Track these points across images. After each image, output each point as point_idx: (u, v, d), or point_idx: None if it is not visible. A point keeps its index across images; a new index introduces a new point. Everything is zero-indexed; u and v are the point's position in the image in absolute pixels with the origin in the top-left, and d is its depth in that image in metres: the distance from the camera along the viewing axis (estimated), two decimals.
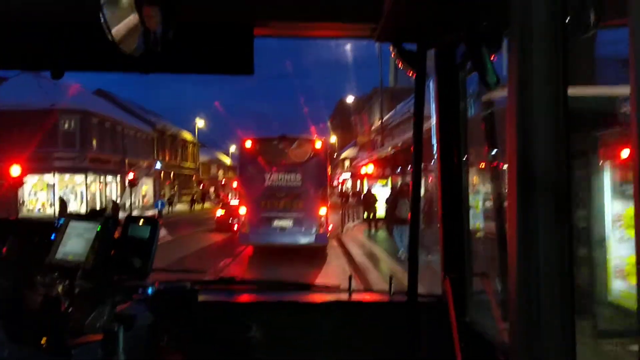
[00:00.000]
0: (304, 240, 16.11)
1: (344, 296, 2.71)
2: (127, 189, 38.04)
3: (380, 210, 22.68)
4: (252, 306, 2.55)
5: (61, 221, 2.21)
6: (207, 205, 53.94)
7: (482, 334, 2.09)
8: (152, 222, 2.11)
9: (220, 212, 27.26)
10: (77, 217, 2.19)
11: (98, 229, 2.06)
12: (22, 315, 2.04)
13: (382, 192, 24.54)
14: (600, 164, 6.84)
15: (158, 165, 49.73)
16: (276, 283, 3.00)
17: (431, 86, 2.29)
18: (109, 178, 40.78)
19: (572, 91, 1.19)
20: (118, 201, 39.67)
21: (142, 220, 2.13)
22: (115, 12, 2.01)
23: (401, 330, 2.19)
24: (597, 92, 7.48)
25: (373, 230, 22.43)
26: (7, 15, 2.14)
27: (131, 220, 2.13)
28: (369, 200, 23.36)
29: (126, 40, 2.06)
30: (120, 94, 48.99)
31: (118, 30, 2.01)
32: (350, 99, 46.04)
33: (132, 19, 2.00)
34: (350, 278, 2.82)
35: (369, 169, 29.13)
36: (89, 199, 36.96)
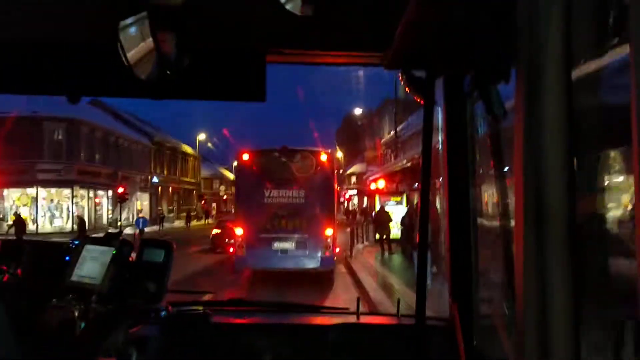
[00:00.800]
0: (308, 264, 15.27)
1: (352, 318, 2.92)
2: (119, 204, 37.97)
3: (395, 230, 22.14)
4: (261, 328, 2.75)
5: (76, 242, 2.42)
6: (210, 221, 54.05)
7: (489, 356, 2.28)
8: (167, 246, 2.32)
9: (216, 231, 26.15)
10: (93, 240, 2.40)
11: (114, 252, 2.27)
12: (37, 337, 2.24)
13: (396, 210, 23.64)
14: None
15: (155, 179, 50.03)
16: (285, 305, 3.21)
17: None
18: (100, 192, 40.65)
19: None
20: (110, 216, 39.59)
21: (156, 243, 2.34)
22: (131, 36, 2.25)
23: (409, 353, 2.38)
24: None
25: (387, 254, 21.45)
26: (23, 39, 2.36)
27: (146, 244, 2.34)
28: (382, 220, 22.40)
29: (141, 64, 2.29)
30: (121, 106, 49.34)
31: (133, 54, 2.24)
32: (358, 111, 46.67)
33: (148, 43, 2.23)
34: (358, 300, 3.03)
35: (380, 184, 28.64)
36: (76, 214, 36.80)
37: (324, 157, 15.95)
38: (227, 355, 2.47)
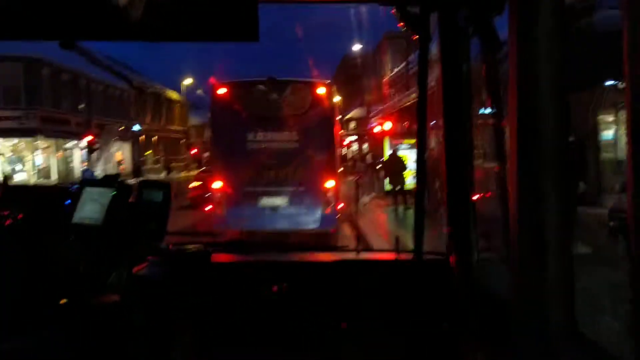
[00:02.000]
0: (304, 225, 13.48)
1: (352, 255, 3.28)
2: (95, 154, 37.85)
3: (410, 179, 19.72)
4: (262, 266, 3.11)
5: (75, 186, 2.73)
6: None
7: (486, 290, 2.63)
8: (165, 186, 2.64)
9: (195, 184, 24.12)
10: (93, 182, 2.71)
11: (113, 193, 2.59)
12: (41, 278, 2.58)
13: (411, 155, 21.15)
14: None
15: (136, 127, 49.95)
16: (284, 245, 3.57)
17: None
18: (71, 143, 39.90)
19: None
20: (83, 168, 39.38)
21: (155, 184, 2.66)
22: None
23: (408, 287, 2.74)
24: None
25: (402, 209, 19.47)
26: None
27: (145, 185, 2.65)
28: (394, 167, 20.75)
29: (131, 7, 2.54)
30: (102, 50, 48.43)
31: None
32: (356, 49, 46.38)
33: None
34: (358, 238, 3.38)
35: (388, 125, 26.52)
36: (42, 167, 36.36)
37: (321, 90, 13.85)
38: (229, 290, 2.83)
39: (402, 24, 2.68)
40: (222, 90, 13.92)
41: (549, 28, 1.71)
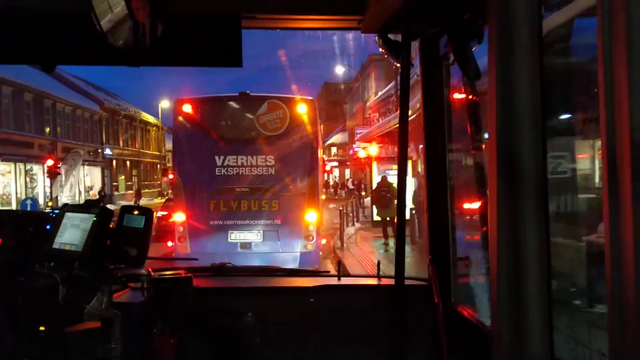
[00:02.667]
0: (281, 264, 9.24)
1: (333, 280, 3.44)
2: (61, 179, 37.27)
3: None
4: (244, 292, 3.26)
5: (56, 211, 2.87)
6: None
7: (466, 316, 2.80)
8: (147, 212, 2.79)
9: (161, 213, 21.54)
10: (73, 208, 2.85)
11: (94, 219, 2.73)
12: (20, 304, 2.70)
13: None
14: None
15: (108, 152, 49.62)
16: (267, 269, 3.72)
17: None
18: (35, 166, 38.76)
19: None
20: (48, 194, 38.88)
21: (136, 210, 2.80)
22: (104, 4, 2.67)
23: (389, 313, 2.90)
24: None
25: (392, 244, 17.81)
26: None
27: (126, 210, 2.80)
28: (384, 195, 19.78)
29: (115, 32, 2.73)
30: (76, 73, 48.12)
31: (107, 21, 2.68)
32: (340, 70, 46.99)
33: (121, 10, 2.67)
34: (339, 263, 3.55)
35: (373, 150, 25.58)
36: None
37: (302, 108, 12.74)
38: (210, 317, 2.96)
39: (384, 50, 2.89)
40: (187, 108, 12.76)
41: (527, 58, 1.88)
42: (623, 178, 1.19)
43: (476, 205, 2.75)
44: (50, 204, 34.66)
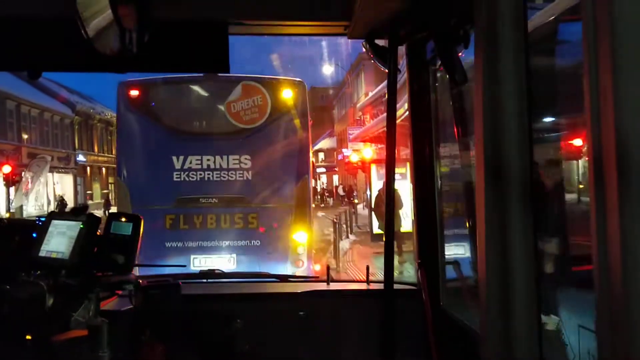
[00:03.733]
0: None
1: (322, 285, 3.54)
2: (21, 188, 36.37)
3: (406, 220, 15.99)
4: (233, 298, 3.34)
5: (42, 219, 2.96)
6: None
7: (454, 319, 2.91)
8: (135, 219, 2.87)
9: None
10: (60, 215, 2.93)
11: (81, 227, 2.81)
12: (6, 313, 2.77)
13: (402, 187, 14.35)
14: None
15: (81, 158, 48.90)
16: (256, 274, 3.82)
17: None
18: None
19: None
20: (12, 203, 37.93)
21: (124, 217, 2.89)
22: (90, 10, 2.76)
23: (378, 317, 3.00)
24: None
25: (396, 261, 13.67)
26: None
27: (113, 217, 2.89)
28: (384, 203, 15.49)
29: (101, 39, 2.81)
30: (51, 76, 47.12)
31: (93, 28, 2.77)
32: (328, 70, 47.04)
33: (107, 17, 2.76)
34: (328, 268, 3.65)
35: (367, 153, 23.49)
36: None
37: (287, 93, 9.96)
38: (198, 324, 3.05)
39: (371, 56, 3.00)
40: (134, 93, 9.91)
41: (513, 61, 1.96)
42: (609, 180, 1.23)
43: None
44: (8, 215, 33.66)
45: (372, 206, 18.65)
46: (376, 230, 18.00)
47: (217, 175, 9.84)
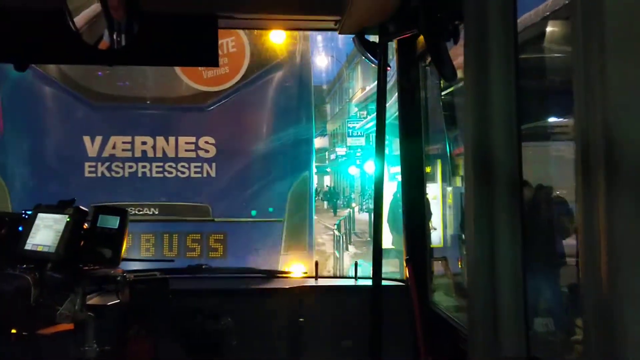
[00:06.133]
0: None
1: (311, 281, 3.57)
2: None
3: (435, 234, 8.64)
4: (221, 293, 3.36)
5: (29, 212, 2.97)
6: None
7: (442, 315, 2.94)
8: (121, 213, 2.89)
9: None
10: (46, 208, 2.95)
11: (67, 220, 2.83)
12: None
13: (432, 193, 9.23)
14: None
15: None
16: (244, 269, 3.84)
17: None
18: None
19: None
20: None
21: (111, 210, 2.91)
22: (78, 2, 2.78)
23: (366, 313, 3.03)
24: None
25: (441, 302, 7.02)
26: None
27: (100, 210, 2.90)
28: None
29: (90, 31, 2.83)
30: None
31: (80, 20, 2.79)
32: (323, 62, 46.55)
33: (95, 8, 2.78)
34: (316, 264, 3.68)
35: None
36: None
37: (277, 37, 6.27)
38: (187, 320, 3.07)
39: (361, 52, 3.03)
40: None
41: (502, 58, 1.99)
42: (597, 175, 1.24)
43: None
44: None
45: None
46: (389, 245, 12.28)
47: (159, 169, 6.35)
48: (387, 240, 12.23)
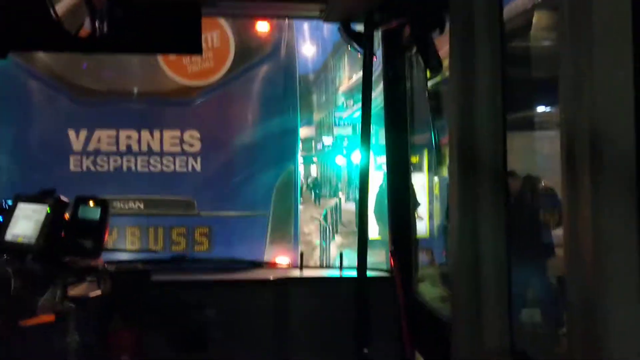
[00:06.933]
0: None
1: (295, 272, 3.56)
2: None
3: (421, 225, 10.66)
4: (204, 284, 3.34)
5: (9, 202, 2.94)
6: None
7: (427, 306, 2.94)
8: (102, 203, 2.87)
9: None
10: (26, 198, 2.91)
11: (48, 211, 2.80)
12: None
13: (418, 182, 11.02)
14: None
15: None
16: (228, 260, 3.83)
17: None
18: None
19: None
20: None
21: (91, 201, 2.88)
22: None
23: (351, 304, 3.03)
24: None
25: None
26: None
27: (81, 201, 2.87)
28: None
29: (70, 19, 2.79)
30: None
31: (62, 7, 2.75)
32: (309, 51, 46.24)
33: None
34: (301, 254, 3.67)
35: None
36: None
37: (262, 28, 6.60)
38: (170, 312, 3.05)
39: (346, 42, 3.01)
40: None
41: (488, 48, 1.99)
42: (582, 168, 1.24)
43: None
44: None
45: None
46: (375, 236, 12.40)
47: (144, 163, 6.50)
48: (374, 230, 12.47)
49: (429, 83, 2.87)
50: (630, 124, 1.16)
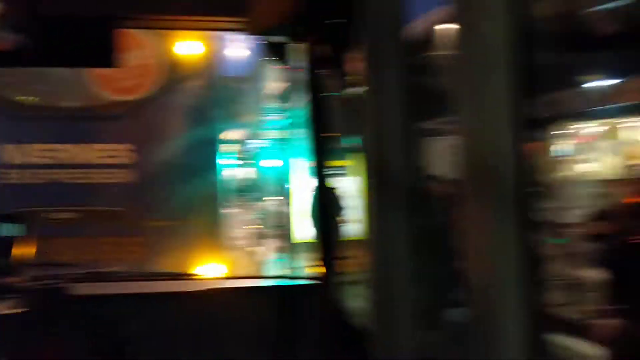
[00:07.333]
0: None
1: (219, 283, 3.55)
2: None
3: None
4: (124, 299, 3.30)
5: None
6: None
7: (351, 314, 2.99)
8: (15, 219, 2.82)
9: None
10: None
11: None
12: None
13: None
14: None
15: None
16: (148, 273, 3.79)
17: None
18: None
19: None
20: None
21: (8, 218, 2.83)
22: None
23: (276, 313, 3.05)
24: None
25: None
26: None
27: None
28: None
29: None
30: None
31: None
32: (238, 54, 45.87)
33: None
34: (228, 264, 3.67)
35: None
36: None
37: (191, 48, 6.91)
38: (91, 326, 3.01)
39: (268, 54, 3.05)
40: None
41: (395, 65, 2.06)
42: (476, 183, 1.33)
43: None
44: None
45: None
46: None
47: (72, 174, 6.75)
48: (310, 235, 12.01)
49: (346, 93, 2.94)
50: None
